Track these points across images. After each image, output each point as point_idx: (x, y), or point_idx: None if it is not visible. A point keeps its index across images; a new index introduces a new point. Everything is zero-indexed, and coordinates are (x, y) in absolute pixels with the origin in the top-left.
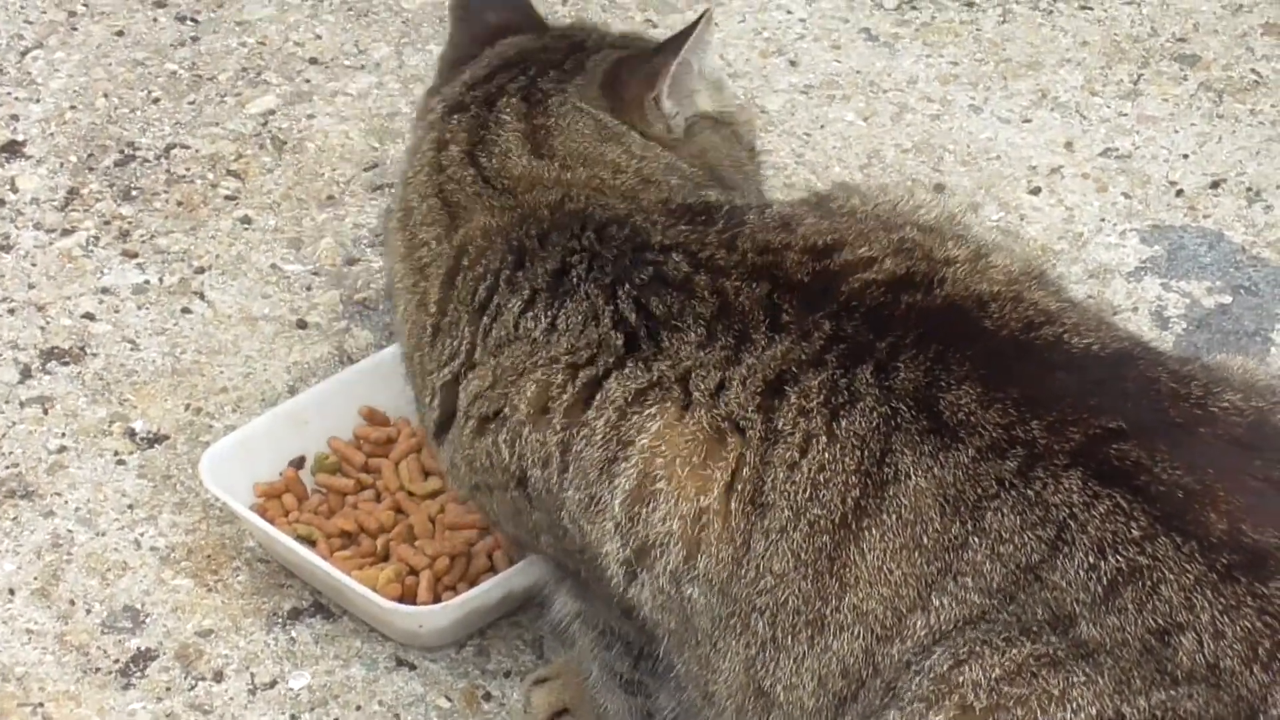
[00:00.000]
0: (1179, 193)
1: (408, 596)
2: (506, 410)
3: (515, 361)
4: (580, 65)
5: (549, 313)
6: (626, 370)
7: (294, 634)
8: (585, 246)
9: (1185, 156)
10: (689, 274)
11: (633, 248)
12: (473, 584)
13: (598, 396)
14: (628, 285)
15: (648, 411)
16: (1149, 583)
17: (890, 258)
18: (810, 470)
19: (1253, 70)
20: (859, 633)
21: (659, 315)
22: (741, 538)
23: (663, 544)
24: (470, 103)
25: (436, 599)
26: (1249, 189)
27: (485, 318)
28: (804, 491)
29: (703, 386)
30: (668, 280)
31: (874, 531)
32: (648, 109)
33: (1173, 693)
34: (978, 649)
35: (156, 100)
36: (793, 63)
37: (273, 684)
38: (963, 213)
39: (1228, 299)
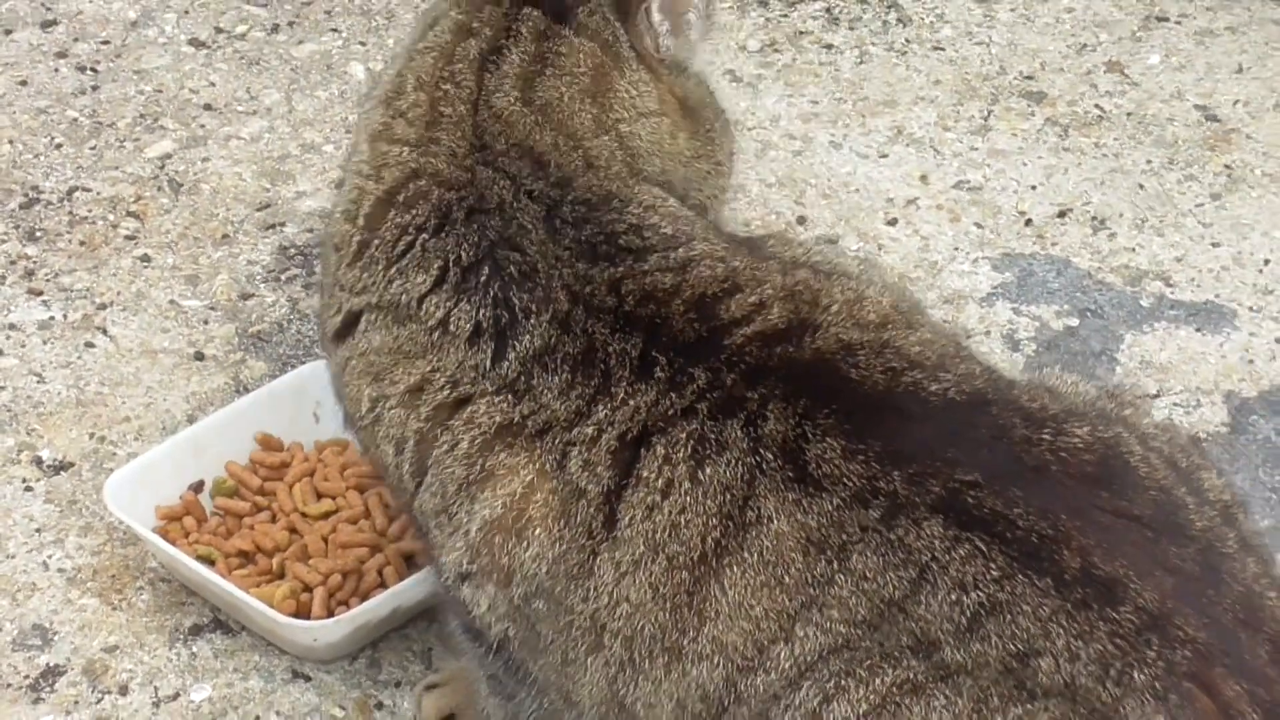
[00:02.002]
0: (1028, 222)
1: (302, 612)
2: (385, 375)
3: (411, 344)
4: None
5: (448, 304)
6: (498, 399)
7: (195, 649)
8: (494, 251)
9: (1033, 188)
10: (569, 310)
11: (530, 270)
12: (364, 599)
13: (466, 410)
14: (515, 309)
15: (517, 459)
16: (1009, 615)
17: (779, 303)
18: (671, 512)
19: (1096, 106)
20: (719, 662)
21: (529, 350)
22: (582, 559)
23: (515, 570)
24: None
25: (330, 614)
26: (1094, 218)
27: (395, 271)
28: (663, 531)
29: (555, 446)
30: (550, 313)
31: (735, 569)
32: (640, 18)
33: (1029, 707)
34: (843, 681)
35: (59, 146)
36: None
37: (176, 696)
38: (895, 277)
39: (1075, 321)
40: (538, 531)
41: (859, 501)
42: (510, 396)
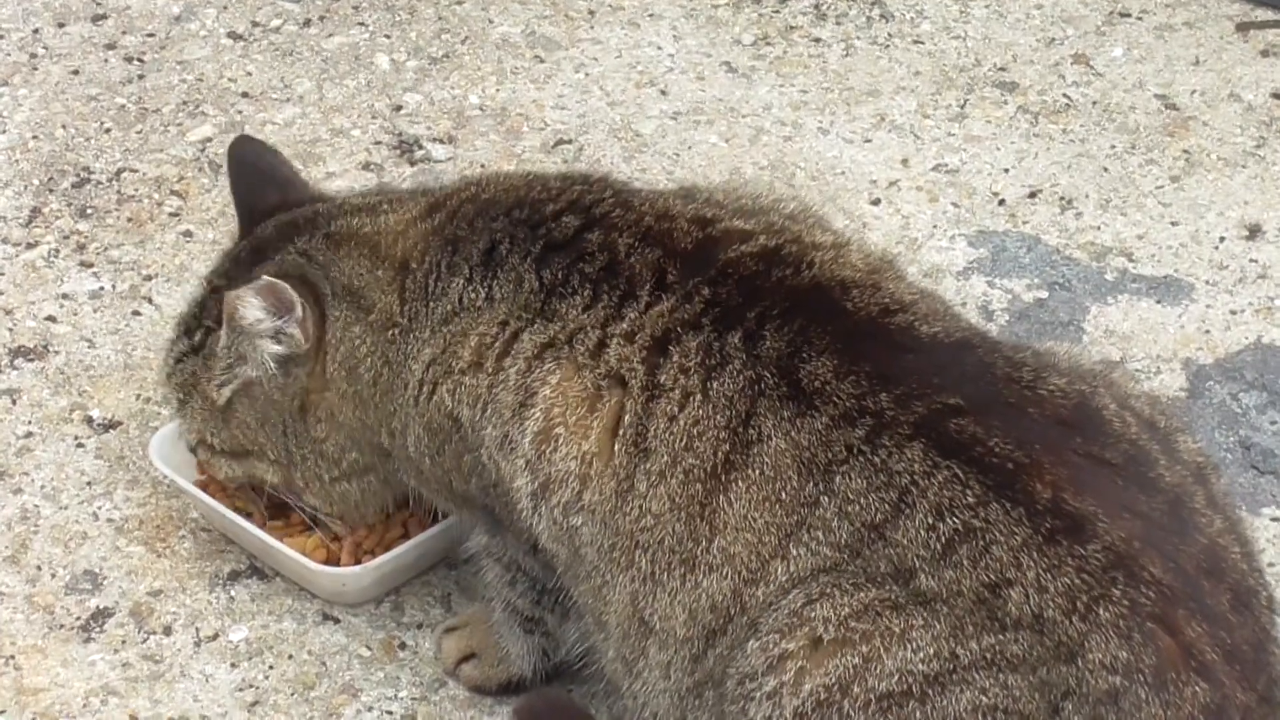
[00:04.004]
0: (1001, 202)
1: (332, 560)
2: (453, 363)
3: (462, 327)
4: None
5: (485, 285)
6: (536, 327)
7: (233, 593)
8: (502, 227)
9: (1006, 171)
10: (578, 230)
11: (530, 225)
12: (389, 548)
13: (514, 347)
14: (529, 259)
15: (548, 366)
16: (982, 542)
17: (764, 234)
18: (687, 424)
19: (1064, 95)
20: (727, 574)
21: (548, 283)
22: (625, 474)
23: (561, 480)
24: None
25: (357, 562)
26: (1062, 198)
27: (432, 302)
28: (681, 442)
29: (587, 345)
30: (556, 247)
31: (740, 484)
32: None
33: (1001, 637)
34: (829, 590)
35: (108, 130)
36: (663, 92)
37: (215, 637)
38: (817, 206)
39: (1044, 294)
40: (563, 431)
41: (846, 420)
42: (543, 324)
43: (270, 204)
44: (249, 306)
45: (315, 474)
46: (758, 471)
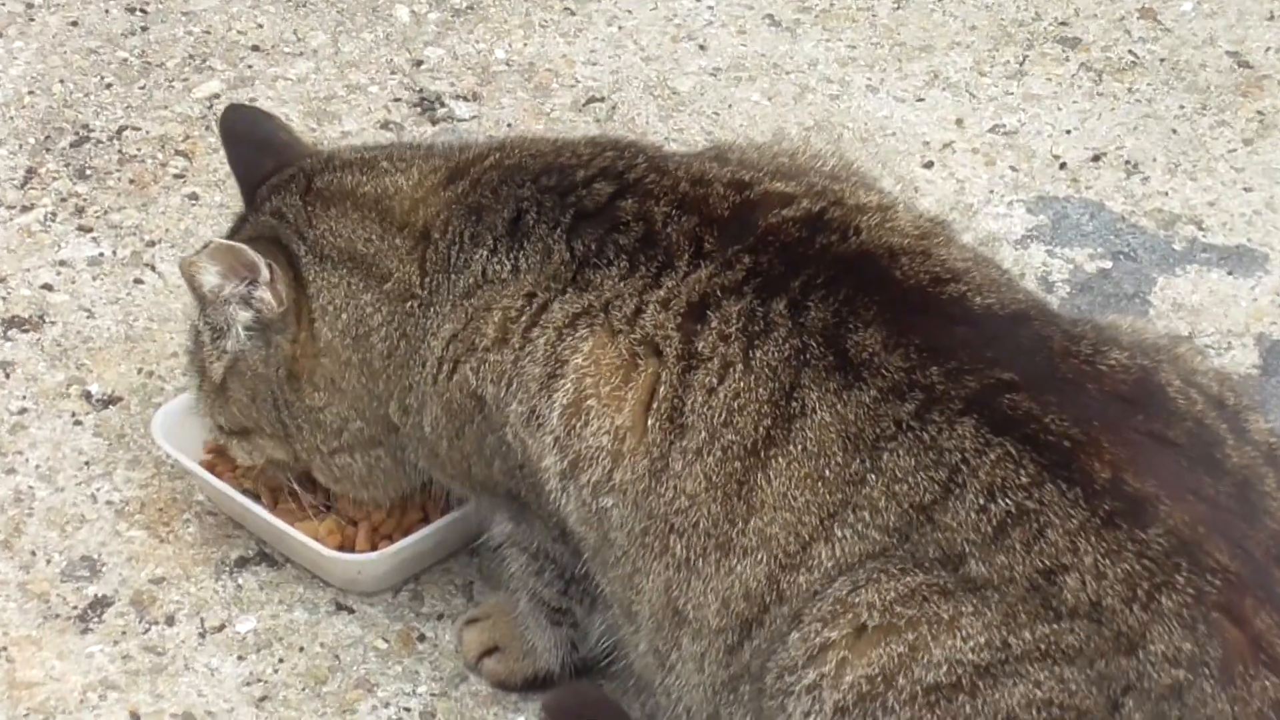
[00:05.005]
0: (1062, 166)
1: (347, 545)
2: (476, 340)
3: (485, 300)
4: None
5: (510, 256)
6: (568, 296)
7: (241, 581)
8: (529, 195)
9: (1068, 132)
10: (611, 198)
11: (559, 192)
12: (407, 533)
13: (543, 318)
14: (558, 229)
15: (580, 333)
16: (1036, 526)
17: (806, 198)
18: (726, 396)
19: (1130, 51)
20: (762, 557)
21: (580, 254)
22: (659, 453)
23: (591, 457)
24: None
25: (374, 547)
26: (1127, 162)
27: (454, 274)
28: (720, 416)
29: (624, 312)
30: (588, 215)
31: (780, 460)
32: None
33: (1056, 626)
34: (875, 576)
35: (109, 85)
36: (702, 47)
37: (221, 628)
38: (859, 163)
39: (1108, 264)
40: (594, 404)
41: (895, 394)
42: (575, 293)
43: (268, 171)
44: (204, 272)
45: (313, 445)
46: (800, 447)
